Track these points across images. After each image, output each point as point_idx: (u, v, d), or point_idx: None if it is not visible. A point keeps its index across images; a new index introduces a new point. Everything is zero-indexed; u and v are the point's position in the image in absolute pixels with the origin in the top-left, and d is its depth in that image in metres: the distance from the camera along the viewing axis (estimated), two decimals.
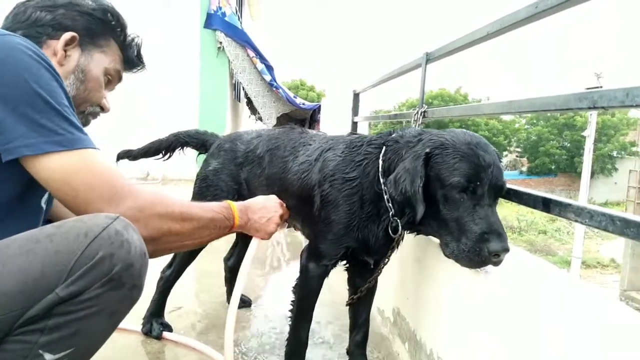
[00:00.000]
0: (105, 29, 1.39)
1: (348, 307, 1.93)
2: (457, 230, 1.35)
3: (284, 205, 1.67)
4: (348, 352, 1.97)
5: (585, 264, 19.34)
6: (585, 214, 1.09)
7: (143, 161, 2.45)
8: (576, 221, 1.13)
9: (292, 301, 1.82)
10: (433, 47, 2.38)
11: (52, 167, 1.05)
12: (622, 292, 15.36)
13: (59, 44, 1.28)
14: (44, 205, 1.26)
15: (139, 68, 1.55)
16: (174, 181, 7.18)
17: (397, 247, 1.70)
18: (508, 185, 1.57)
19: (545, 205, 1.27)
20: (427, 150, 1.41)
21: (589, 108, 1.08)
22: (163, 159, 2.37)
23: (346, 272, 1.95)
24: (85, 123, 1.40)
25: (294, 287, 1.81)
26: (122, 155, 2.37)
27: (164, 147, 2.35)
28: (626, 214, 0.99)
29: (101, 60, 1.38)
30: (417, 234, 1.66)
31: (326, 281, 1.79)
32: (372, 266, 1.82)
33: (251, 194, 2.06)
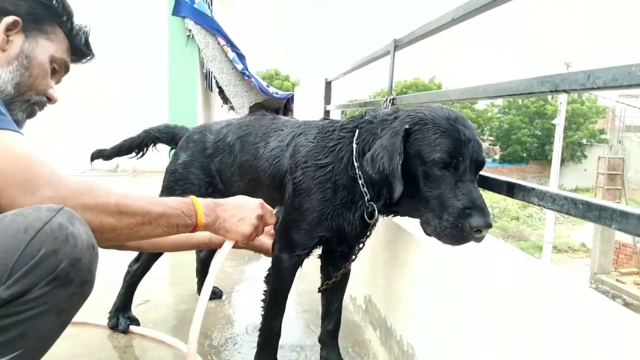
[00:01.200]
0: (50, 14, 1.34)
1: (320, 296, 1.91)
2: (439, 207, 1.31)
3: (266, 206, 1.47)
4: (320, 341, 1.96)
5: (557, 248, 19.86)
6: (547, 198, 1.09)
7: None
8: (539, 205, 1.13)
9: (264, 291, 1.77)
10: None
11: None
12: (593, 276, 15.83)
13: (2, 24, 1.23)
14: None
15: (87, 58, 1.49)
16: (145, 173, 7.04)
17: (372, 233, 1.67)
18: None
19: (510, 189, 1.27)
20: (407, 126, 1.36)
21: (551, 91, 1.08)
22: (136, 157, 2.31)
23: (319, 259, 1.92)
24: (31, 113, 1.35)
25: (266, 278, 1.77)
26: (95, 156, 2.32)
27: (136, 145, 2.28)
28: (588, 197, 0.99)
29: (47, 47, 1.33)
30: (394, 216, 1.63)
31: (299, 270, 1.75)
32: (345, 252, 1.79)
33: (225, 186, 2.02)
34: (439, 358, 1.44)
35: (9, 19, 1.24)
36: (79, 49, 1.44)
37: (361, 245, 1.69)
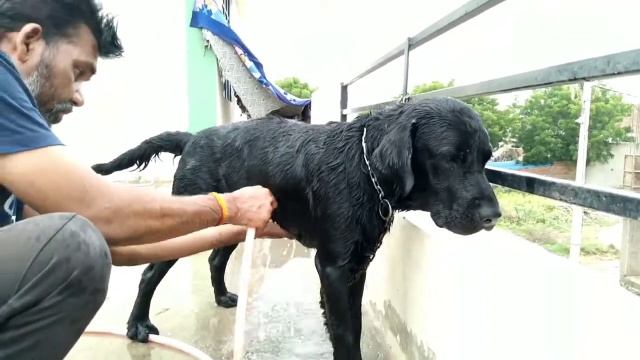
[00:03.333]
0: (74, 14, 1.25)
1: None
2: (448, 199, 1.34)
3: (271, 193, 1.62)
4: None
5: (585, 250, 19.35)
6: (569, 192, 1.04)
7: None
8: (561, 199, 1.08)
9: (324, 312, 1.80)
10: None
11: (13, 169, 0.98)
12: (622, 278, 15.37)
13: (18, 37, 1.16)
14: (8, 211, 1.17)
15: (116, 54, 1.40)
16: (166, 183, 7.10)
17: (389, 230, 1.65)
18: (493, 168, 1.52)
19: (529, 184, 1.22)
20: (414, 120, 1.38)
21: (570, 80, 1.03)
22: (139, 169, 2.28)
23: None
24: (56, 120, 1.31)
25: (321, 295, 1.78)
26: (94, 170, 2.28)
27: (137, 156, 2.25)
28: (612, 189, 0.94)
29: (69, 52, 1.25)
30: (407, 211, 1.63)
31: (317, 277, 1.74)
32: (369, 255, 1.77)
33: (230, 190, 2.00)
34: None
35: (29, 27, 1.17)
36: (107, 46, 1.36)
37: (379, 245, 1.66)
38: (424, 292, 1.71)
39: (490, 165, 1.45)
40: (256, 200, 1.54)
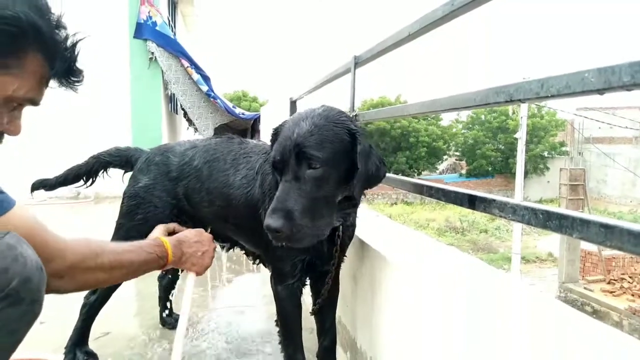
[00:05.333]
0: (17, 43, 1.01)
1: (314, 315, 1.87)
2: None
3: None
4: (317, 357, 1.90)
5: (525, 259, 20.19)
6: (508, 209, 1.07)
7: None
8: (501, 216, 1.11)
9: (278, 330, 1.80)
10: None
11: None
12: (561, 284, 16.12)
13: None
14: None
15: (70, 86, 1.19)
16: (108, 199, 6.83)
17: (339, 245, 1.63)
18: (437, 185, 1.56)
19: (471, 202, 1.26)
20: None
21: (506, 102, 1.07)
22: (85, 185, 2.18)
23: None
24: None
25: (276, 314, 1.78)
26: (36, 186, 2.16)
27: (84, 172, 2.16)
28: (548, 207, 0.98)
29: (5, 85, 1.03)
30: None
31: None
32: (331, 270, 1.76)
33: (194, 209, 1.97)
34: None
35: None
36: (60, 78, 1.15)
37: (334, 260, 1.66)
38: (374, 309, 1.72)
39: (433, 178, 1.48)
40: (201, 245, 1.57)
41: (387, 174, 1.65)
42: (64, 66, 1.13)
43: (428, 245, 1.82)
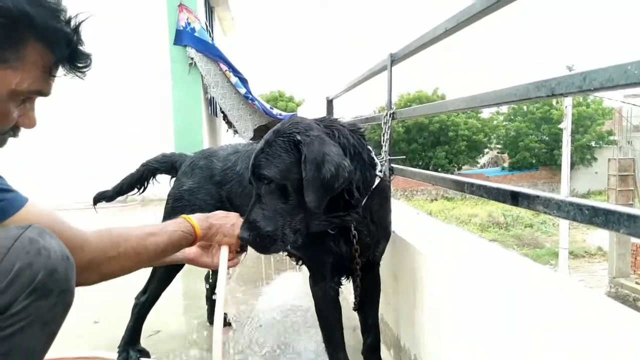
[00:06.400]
0: (13, 35, 0.99)
1: (357, 313, 1.88)
2: None
3: None
4: (363, 355, 1.91)
5: (573, 254, 19.50)
6: (552, 205, 1.06)
7: None
8: (545, 212, 1.10)
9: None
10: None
11: None
12: (611, 280, 15.50)
13: None
14: None
15: (77, 73, 1.13)
16: (154, 202, 7.03)
17: (356, 243, 1.62)
18: (479, 182, 1.54)
19: (514, 198, 1.24)
20: None
21: (548, 96, 1.06)
22: (139, 192, 2.31)
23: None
24: None
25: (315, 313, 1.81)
26: (97, 199, 2.29)
27: (137, 180, 2.28)
28: (594, 202, 0.96)
29: (6, 80, 1.01)
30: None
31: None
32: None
33: (237, 212, 2.01)
34: None
35: None
36: (65, 65, 1.10)
37: (358, 260, 1.67)
38: (416, 307, 1.72)
39: (474, 173, 1.46)
40: (229, 219, 1.57)
41: (427, 172, 1.64)
42: (66, 51, 1.07)
43: (470, 242, 1.81)
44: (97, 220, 1.41)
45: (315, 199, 1.41)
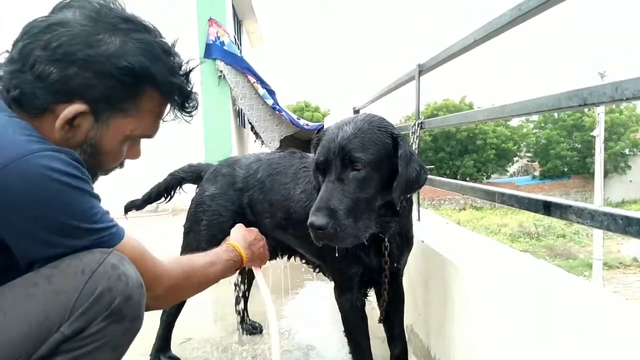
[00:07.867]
0: (134, 89, 1.09)
1: (382, 325, 1.89)
2: None
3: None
4: None
5: (607, 265, 18.90)
6: (586, 215, 1.05)
7: None
8: (578, 222, 1.09)
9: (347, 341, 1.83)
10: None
11: None
12: None
13: (61, 117, 1.03)
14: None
15: (189, 113, 1.25)
16: (183, 211, 7.15)
17: (387, 253, 1.64)
18: (509, 192, 1.53)
19: (546, 208, 1.24)
20: None
21: (580, 106, 1.06)
22: (165, 201, 2.38)
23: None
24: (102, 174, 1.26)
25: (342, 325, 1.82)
26: (128, 208, 2.38)
27: (164, 189, 2.35)
28: (628, 212, 0.96)
29: (122, 128, 1.11)
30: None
31: None
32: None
33: (257, 219, 2.07)
34: None
35: (74, 109, 1.03)
36: (179, 106, 1.21)
37: (387, 271, 1.68)
38: (446, 316, 1.71)
39: (504, 182, 1.46)
40: (258, 241, 1.64)
41: (457, 181, 1.64)
42: (180, 99, 1.20)
43: (500, 251, 1.80)
44: (132, 228, 1.45)
45: (398, 197, 1.44)
